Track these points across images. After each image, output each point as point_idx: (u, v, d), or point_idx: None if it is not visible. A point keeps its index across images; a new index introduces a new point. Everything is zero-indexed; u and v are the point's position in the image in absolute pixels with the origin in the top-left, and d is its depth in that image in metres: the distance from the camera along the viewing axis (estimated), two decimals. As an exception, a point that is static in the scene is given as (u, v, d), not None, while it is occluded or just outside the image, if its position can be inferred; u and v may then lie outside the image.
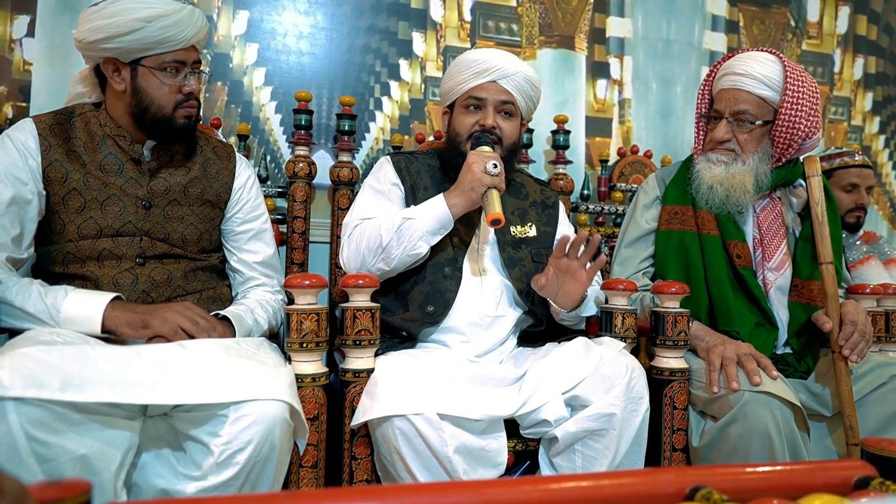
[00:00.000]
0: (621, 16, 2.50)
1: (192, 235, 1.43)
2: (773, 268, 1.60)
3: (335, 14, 2.18)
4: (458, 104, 1.59)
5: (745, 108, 1.55)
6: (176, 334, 1.23)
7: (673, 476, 0.67)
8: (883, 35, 2.91)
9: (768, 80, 1.54)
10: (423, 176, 1.60)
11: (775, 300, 1.59)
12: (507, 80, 1.54)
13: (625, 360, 1.30)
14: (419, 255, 1.44)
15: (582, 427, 1.26)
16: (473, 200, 1.42)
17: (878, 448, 0.72)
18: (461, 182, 1.43)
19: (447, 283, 1.48)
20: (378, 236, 1.41)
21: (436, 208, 1.43)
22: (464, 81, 1.55)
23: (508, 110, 1.56)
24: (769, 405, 1.28)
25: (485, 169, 1.40)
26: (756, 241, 1.62)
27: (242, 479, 1.05)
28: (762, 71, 1.55)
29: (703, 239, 1.61)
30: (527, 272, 1.54)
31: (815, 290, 1.55)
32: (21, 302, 1.20)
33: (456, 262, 1.51)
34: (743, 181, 1.55)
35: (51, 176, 1.30)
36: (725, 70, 1.62)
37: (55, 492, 0.49)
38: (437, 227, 1.43)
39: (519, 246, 1.57)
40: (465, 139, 1.55)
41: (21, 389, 0.93)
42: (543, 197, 1.70)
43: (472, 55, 1.57)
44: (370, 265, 1.43)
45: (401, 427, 1.17)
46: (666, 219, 1.67)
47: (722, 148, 1.59)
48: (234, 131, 2.02)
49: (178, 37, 1.32)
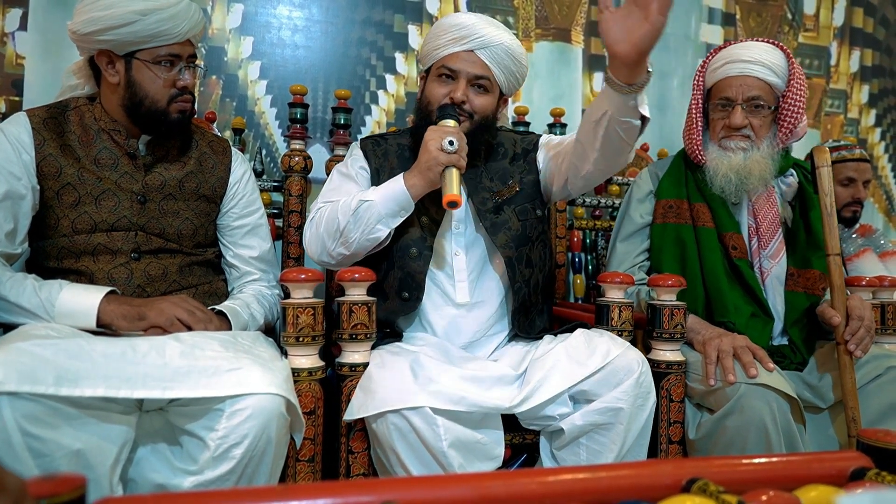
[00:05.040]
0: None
1: (188, 230, 1.42)
2: (769, 256, 1.61)
3: (330, 7, 2.17)
4: (433, 72, 1.49)
5: (758, 93, 1.57)
6: (172, 325, 1.23)
7: (669, 468, 0.67)
8: (879, 27, 2.91)
9: (776, 67, 1.57)
10: (391, 157, 1.52)
11: (771, 289, 1.60)
12: (485, 50, 1.43)
13: (634, 356, 1.28)
14: (378, 239, 1.37)
15: (589, 420, 1.25)
16: (431, 180, 1.33)
17: (873, 439, 0.73)
18: (419, 161, 1.35)
19: (415, 265, 1.42)
20: (336, 219, 1.35)
21: (394, 189, 1.36)
22: (440, 47, 1.45)
23: (483, 84, 1.46)
24: (766, 397, 1.28)
25: (441, 146, 1.31)
26: (752, 230, 1.63)
27: (239, 473, 1.05)
28: (770, 58, 1.57)
29: (698, 231, 1.62)
30: (513, 234, 1.47)
31: (812, 278, 1.56)
32: (15, 297, 1.19)
33: (425, 241, 1.44)
34: (761, 168, 1.56)
35: (45, 170, 1.29)
36: (727, 59, 1.61)
37: (50, 487, 0.49)
38: (395, 210, 1.36)
39: (500, 209, 1.49)
40: (435, 109, 1.45)
41: (15, 384, 0.92)
42: (523, 145, 1.59)
43: (454, 19, 1.47)
44: (330, 249, 1.38)
45: (395, 422, 1.17)
46: (661, 213, 1.67)
47: (738, 135, 1.59)
48: (230, 125, 2.01)
49: (174, 31, 1.31)
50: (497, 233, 1.47)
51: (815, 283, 1.55)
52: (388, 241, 1.41)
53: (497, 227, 1.47)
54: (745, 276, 1.57)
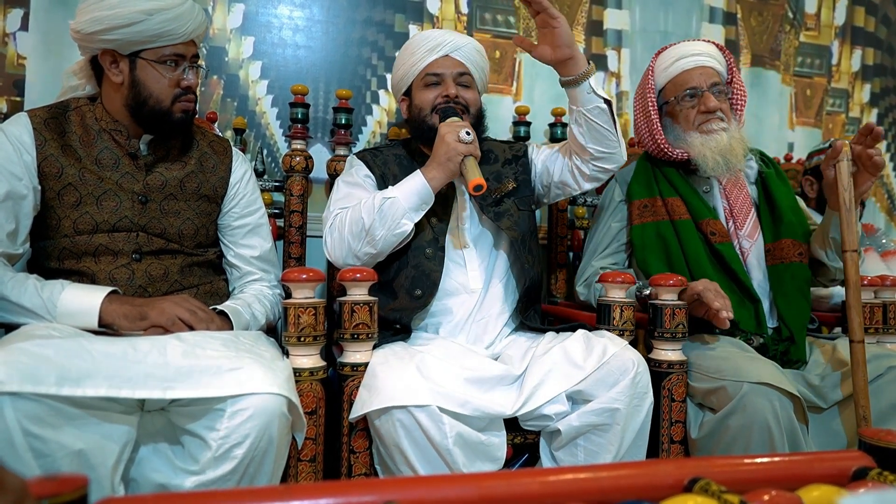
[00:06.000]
0: (619, 8, 2.49)
1: (189, 230, 1.42)
2: (746, 235, 1.66)
3: (331, 7, 2.17)
4: (417, 84, 1.61)
5: (717, 80, 1.70)
6: (174, 325, 1.23)
7: (671, 467, 0.67)
8: (881, 26, 2.91)
9: (718, 57, 1.73)
10: (391, 165, 1.61)
11: (754, 268, 1.65)
12: (458, 51, 1.58)
13: (630, 356, 1.29)
14: (404, 234, 1.43)
15: (585, 421, 1.26)
16: (452, 171, 1.42)
17: (875, 439, 0.73)
18: (436, 154, 1.43)
19: (430, 264, 1.49)
20: (360, 220, 1.40)
21: (415, 184, 1.42)
22: (418, 61, 1.59)
23: (466, 81, 1.59)
24: (768, 396, 1.28)
25: (458, 138, 1.41)
26: (727, 212, 1.69)
27: (240, 473, 1.05)
28: (711, 50, 1.73)
29: (676, 225, 1.67)
30: (516, 220, 1.58)
31: (785, 247, 1.63)
32: (17, 297, 1.19)
33: (437, 241, 1.51)
34: (742, 146, 1.65)
35: (46, 171, 1.30)
36: (676, 56, 1.72)
37: (52, 487, 0.49)
38: (418, 203, 1.42)
39: (501, 201, 1.60)
40: (430, 112, 1.57)
41: (17, 384, 0.92)
42: (513, 152, 1.71)
43: (421, 35, 1.62)
44: (356, 251, 1.43)
45: (401, 419, 1.17)
46: (637, 213, 1.72)
47: (715, 117, 1.67)
48: (231, 125, 2.01)
49: (179, 30, 1.31)
50: (501, 218, 1.56)
51: (787, 251, 1.63)
52: (411, 237, 1.47)
53: (500, 215, 1.58)
54: (727, 259, 1.60)
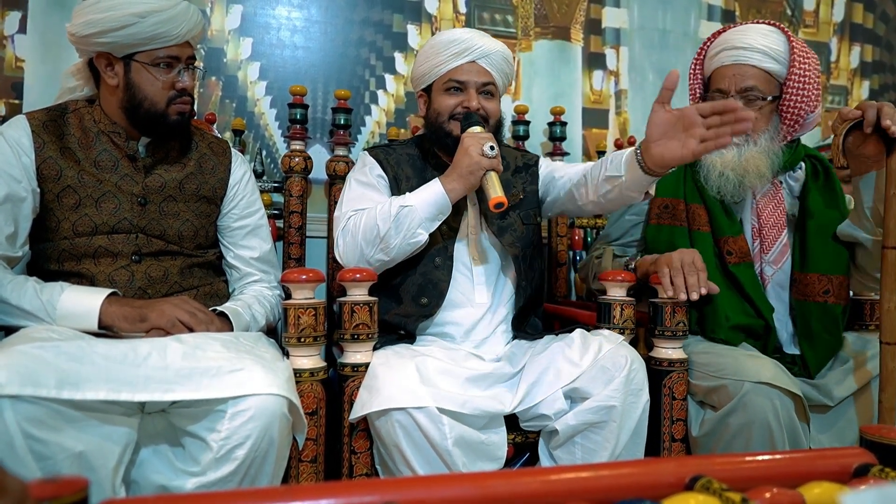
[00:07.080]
0: (617, 6, 2.49)
1: (188, 232, 1.42)
2: (770, 261, 1.51)
3: (329, 7, 2.17)
4: (437, 87, 1.53)
5: (753, 83, 1.46)
6: (174, 327, 1.23)
7: (672, 466, 0.66)
8: (879, 23, 2.91)
9: (774, 53, 1.46)
10: (404, 166, 1.56)
11: (774, 296, 1.52)
12: (486, 59, 1.50)
13: (624, 352, 1.29)
14: (419, 244, 1.40)
15: (582, 420, 1.26)
16: (472, 184, 1.38)
17: (877, 435, 0.72)
18: (458, 166, 1.38)
19: (439, 273, 1.47)
20: (375, 226, 1.37)
21: (433, 193, 1.38)
22: (442, 63, 1.50)
23: (489, 90, 1.52)
24: (769, 395, 1.28)
25: (482, 151, 1.36)
26: (755, 230, 1.53)
27: (241, 474, 1.05)
28: (766, 43, 1.46)
29: (693, 235, 1.54)
30: (518, 236, 1.54)
31: (809, 283, 1.47)
32: (16, 299, 1.19)
33: (446, 250, 1.49)
34: (757, 164, 1.46)
35: (45, 173, 1.29)
36: (722, 45, 1.51)
37: (52, 489, 0.49)
38: (435, 213, 1.39)
39: (506, 214, 1.54)
40: (448, 119, 1.50)
41: (17, 387, 0.92)
42: (524, 160, 1.67)
43: (450, 35, 1.52)
44: (369, 256, 1.40)
45: (400, 420, 1.17)
46: (656, 212, 1.59)
47: None
48: (229, 126, 2.01)
49: (173, 32, 1.31)
50: (503, 234, 1.53)
51: (812, 287, 1.46)
52: (424, 246, 1.43)
53: (503, 230, 1.54)
54: (743, 283, 1.48)
